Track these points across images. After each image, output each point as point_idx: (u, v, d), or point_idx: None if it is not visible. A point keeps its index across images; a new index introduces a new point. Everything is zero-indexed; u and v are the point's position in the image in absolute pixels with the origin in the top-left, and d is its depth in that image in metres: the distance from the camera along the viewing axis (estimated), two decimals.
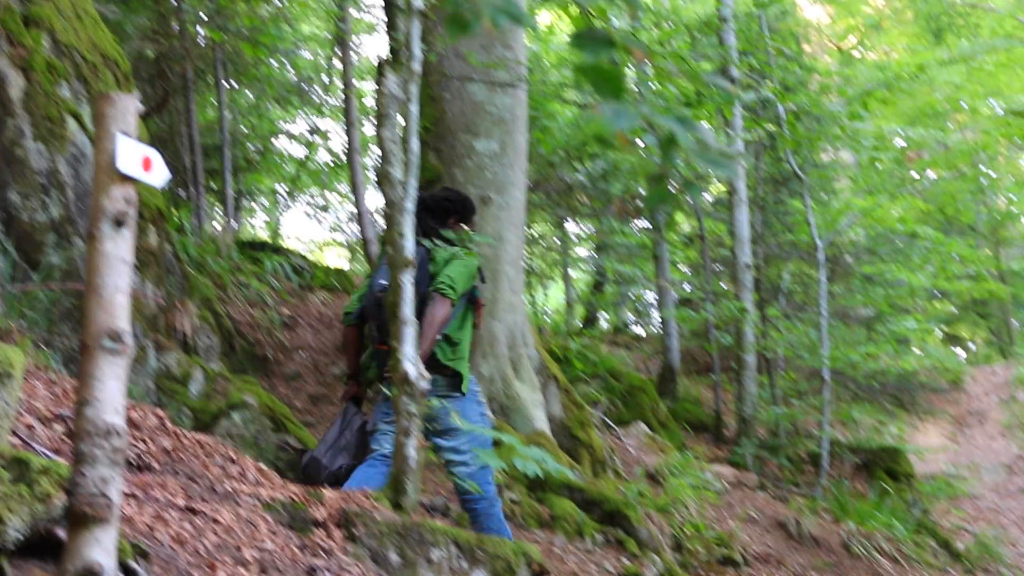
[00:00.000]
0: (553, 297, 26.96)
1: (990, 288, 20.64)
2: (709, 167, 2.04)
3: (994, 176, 26.29)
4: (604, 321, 24.47)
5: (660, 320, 18.08)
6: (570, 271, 23.22)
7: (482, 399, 6.64)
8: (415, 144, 5.63)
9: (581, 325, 21.76)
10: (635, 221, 18.44)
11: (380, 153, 5.67)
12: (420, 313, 5.81)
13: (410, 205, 5.52)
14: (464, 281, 6.18)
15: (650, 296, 21.22)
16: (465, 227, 6.57)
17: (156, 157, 3.05)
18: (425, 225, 6.31)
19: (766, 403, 14.50)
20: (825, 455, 13.30)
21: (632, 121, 1.97)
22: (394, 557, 4.78)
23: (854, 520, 11.54)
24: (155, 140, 11.39)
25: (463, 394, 6.23)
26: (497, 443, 6.10)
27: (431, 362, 6.01)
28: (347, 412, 6.43)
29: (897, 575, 10.34)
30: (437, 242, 6.23)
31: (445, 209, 6.57)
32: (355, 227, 21.29)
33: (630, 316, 24.29)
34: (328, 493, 5.01)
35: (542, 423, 9.34)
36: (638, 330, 24.01)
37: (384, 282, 5.94)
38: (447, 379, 6.18)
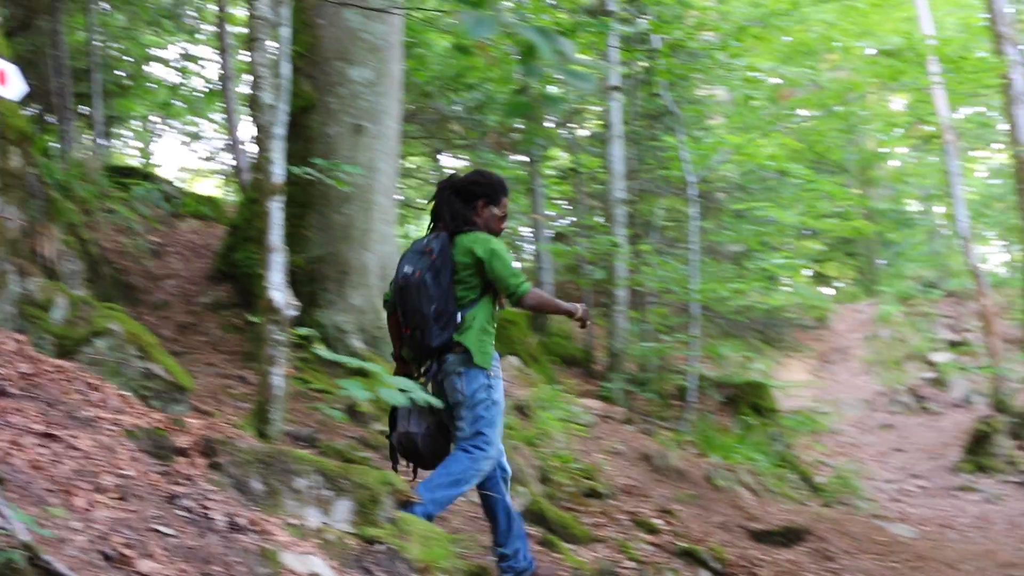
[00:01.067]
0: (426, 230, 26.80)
1: (857, 226, 20.98)
2: (568, 80, 1.99)
3: (864, 116, 26.65)
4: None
5: (534, 254, 18.11)
6: None
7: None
8: (286, 68, 5.51)
9: None
10: (510, 154, 18.36)
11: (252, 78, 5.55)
12: (443, 305, 6.03)
13: (280, 130, 5.41)
14: (514, 266, 6.15)
15: (525, 231, 21.21)
16: (495, 210, 6.38)
17: (12, 70, 2.92)
18: (453, 209, 6.27)
19: (636, 338, 14.61)
20: (692, 390, 13.46)
21: (490, 29, 1.92)
22: (257, 485, 4.73)
23: (718, 454, 11.72)
24: (20, 60, 11.03)
25: (481, 368, 6.09)
26: (364, 373, 6.03)
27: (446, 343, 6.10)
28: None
29: (758, 507, 10.51)
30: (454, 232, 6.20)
31: (473, 193, 6.40)
32: (229, 156, 20.93)
33: None
34: (192, 420, 4.94)
35: None
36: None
37: (408, 268, 6.07)
38: (458, 355, 6.10)
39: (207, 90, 23.43)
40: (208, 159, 25.83)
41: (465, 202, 6.33)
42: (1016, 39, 17.47)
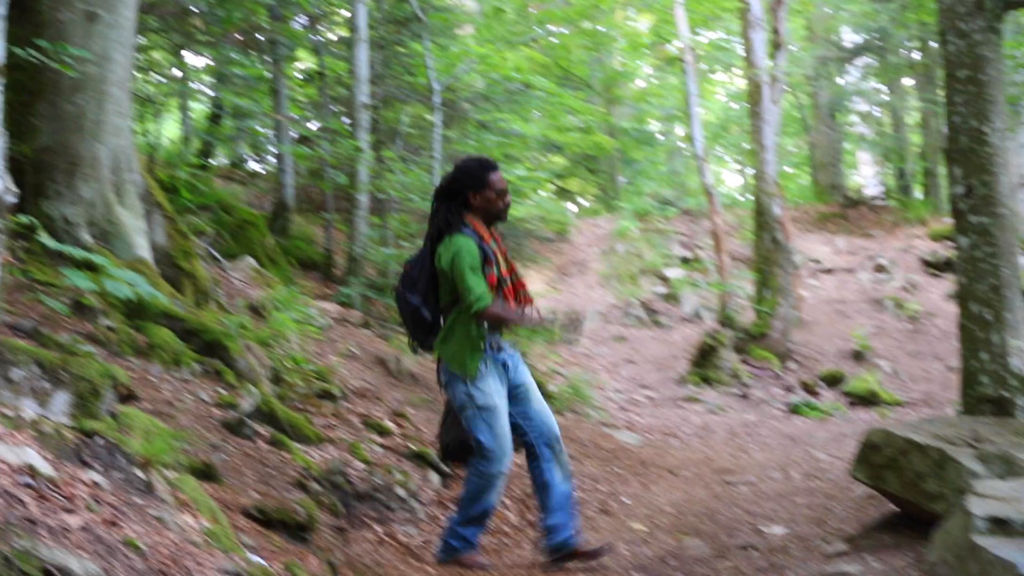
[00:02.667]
0: (169, 128, 26.14)
1: (599, 142, 21.39)
2: None
3: (610, 35, 27.08)
4: (222, 157, 23.97)
5: (276, 156, 17.86)
6: (188, 102, 22.52)
7: (503, 374, 6.48)
8: None
9: (196, 158, 21.21)
10: (254, 53, 17.98)
11: None
12: (426, 299, 6.40)
13: (2, 10, 5.16)
14: (474, 276, 6.17)
15: (269, 133, 20.88)
16: (487, 192, 6.38)
17: None
18: (440, 216, 6.35)
19: (376, 244, 14.61)
20: None
21: None
22: None
23: None
24: None
25: (468, 377, 6.29)
26: (92, 266, 5.89)
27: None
28: None
29: None
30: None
31: (457, 189, 6.40)
32: None
33: (247, 153, 23.90)
34: None
35: (144, 250, 9.05)
36: (255, 167, 23.67)
37: (415, 257, 6.53)
38: (443, 362, 6.42)
39: None
40: None
41: (456, 201, 6.39)
42: None
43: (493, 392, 6.29)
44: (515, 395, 6.50)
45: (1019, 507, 5.23)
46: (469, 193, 6.38)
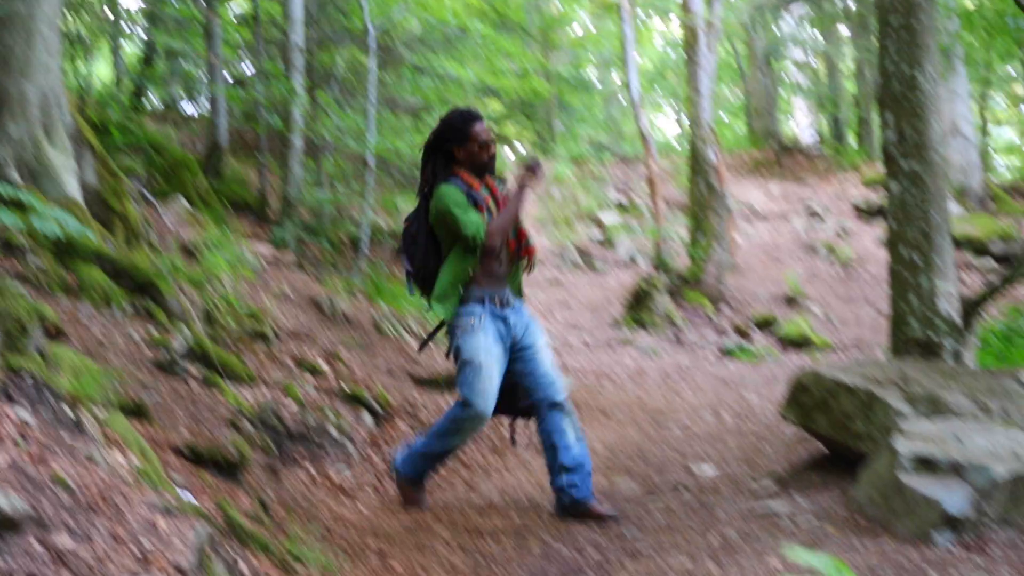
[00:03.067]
0: (101, 70, 25.77)
1: (536, 87, 21.35)
2: None
3: None
4: (155, 99, 23.69)
5: (210, 99, 17.68)
6: (120, 43, 22.20)
7: (497, 326, 6.42)
8: None
9: (128, 99, 20.95)
10: None
11: None
12: (427, 257, 6.42)
13: None
14: (463, 211, 6.17)
15: (202, 75, 20.65)
16: (471, 145, 6.34)
17: None
18: (427, 170, 6.39)
19: (311, 186, 14.55)
20: (365, 239, 13.53)
21: None
22: None
23: (387, 301, 11.86)
24: None
25: (452, 326, 6.34)
26: (19, 205, 5.84)
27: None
28: None
29: (423, 354, 10.71)
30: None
31: (441, 144, 6.38)
32: None
33: (180, 94, 23.64)
34: None
35: (74, 190, 8.96)
36: (189, 110, 23.44)
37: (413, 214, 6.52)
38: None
39: None
40: None
41: (441, 154, 6.37)
42: None
43: (481, 349, 6.25)
44: (522, 356, 6.46)
45: (944, 447, 5.35)
46: (453, 147, 6.38)
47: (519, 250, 6.50)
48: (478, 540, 6.06)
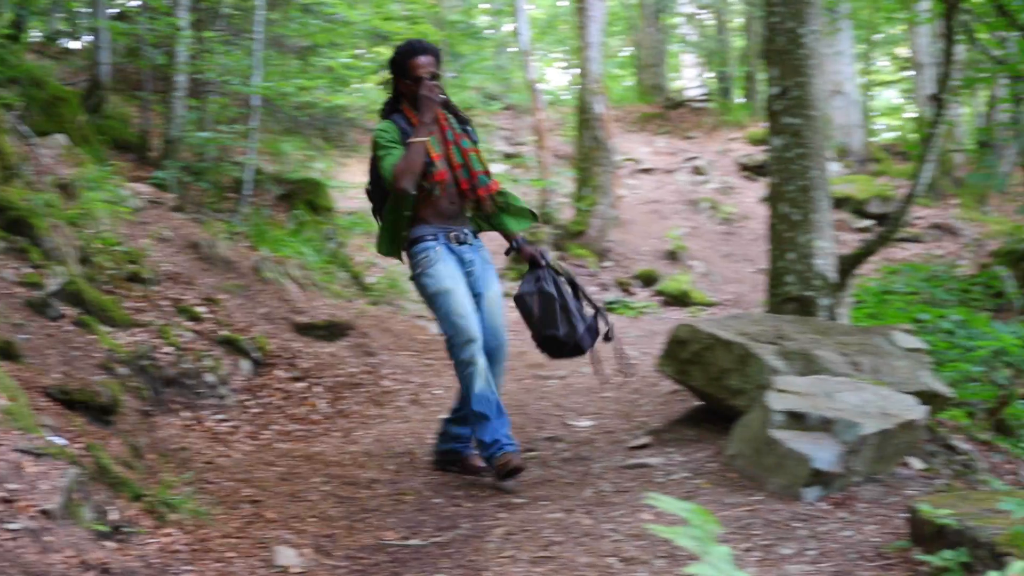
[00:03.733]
0: None
1: (426, 33, 21.15)
2: None
3: None
4: (34, 31, 23.09)
5: (92, 32, 17.25)
6: None
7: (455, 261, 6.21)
8: None
9: (5, 30, 20.36)
10: None
11: None
12: (376, 203, 6.44)
13: None
14: (387, 153, 6.02)
15: (84, 8, 20.13)
16: (408, 80, 6.12)
17: None
18: (388, 104, 6.29)
19: (194, 127, 14.28)
20: (248, 183, 13.35)
21: None
22: None
23: (269, 247, 11.73)
24: None
25: (414, 267, 6.18)
26: None
27: None
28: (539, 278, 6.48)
29: (304, 301, 10.65)
30: None
31: (393, 74, 6.29)
32: None
33: (61, 27, 23.06)
34: None
35: None
36: (72, 45, 22.88)
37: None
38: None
39: None
40: None
41: (397, 92, 6.26)
42: None
43: (444, 276, 6.02)
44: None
45: (815, 402, 5.45)
46: (400, 81, 6.21)
47: (472, 189, 6.23)
48: (354, 490, 6.05)
